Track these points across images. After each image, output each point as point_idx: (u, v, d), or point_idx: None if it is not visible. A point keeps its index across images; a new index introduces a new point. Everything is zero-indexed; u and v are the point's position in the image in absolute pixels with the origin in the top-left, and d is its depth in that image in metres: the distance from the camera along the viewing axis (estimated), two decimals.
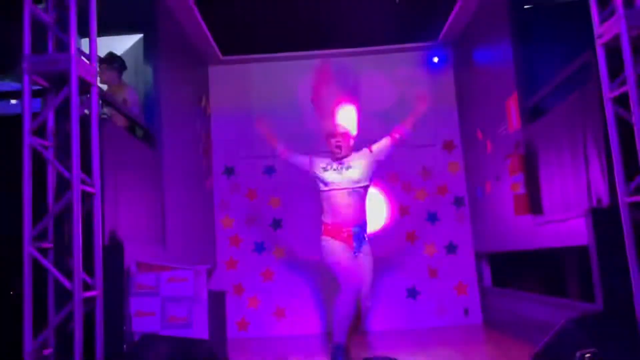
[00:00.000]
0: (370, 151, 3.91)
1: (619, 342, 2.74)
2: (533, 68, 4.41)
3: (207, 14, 5.13)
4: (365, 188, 3.85)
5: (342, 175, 3.76)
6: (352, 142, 3.91)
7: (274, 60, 6.20)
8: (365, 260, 3.74)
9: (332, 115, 3.99)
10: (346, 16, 5.40)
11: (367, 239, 3.83)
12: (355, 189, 3.77)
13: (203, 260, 5.21)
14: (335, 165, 3.81)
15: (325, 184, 3.80)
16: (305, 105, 6.13)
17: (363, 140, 4.21)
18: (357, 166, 3.81)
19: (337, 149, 3.82)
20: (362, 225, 3.80)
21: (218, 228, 5.98)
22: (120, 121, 3.89)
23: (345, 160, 3.84)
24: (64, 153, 2.84)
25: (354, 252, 3.73)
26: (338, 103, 4.05)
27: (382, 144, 3.93)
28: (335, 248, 3.69)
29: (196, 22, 5.20)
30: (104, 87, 4.12)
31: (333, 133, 3.86)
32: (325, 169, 3.81)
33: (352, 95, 4.05)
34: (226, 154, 6.09)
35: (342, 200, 3.74)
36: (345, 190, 3.74)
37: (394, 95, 6.11)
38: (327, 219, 3.81)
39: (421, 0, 5.19)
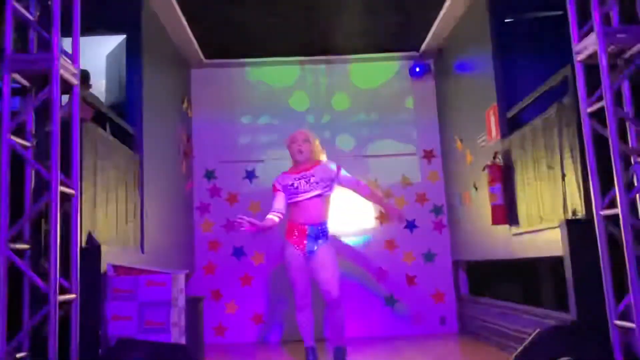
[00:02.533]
0: (338, 174, 3.93)
1: (592, 352, 2.79)
2: (513, 80, 4.49)
3: (190, 17, 5.12)
4: (328, 195, 3.91)
5: (307, 185, 3.85)
6: (314, 148, 3.94)
7: (257, 65, 6.21)
8: (322, 255, 3.77)
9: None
10: (329, 24, 5.43)
11: (328, 237, 3.86)
12: (317, 195, 3.85)
13: (181, 264, 5.17)
14: (298, 182, 3.87)
15: (294, 196, 3.87)
16: (286, 110, 6.17)
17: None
18: (319, 180, 3.86)
19: (298, 153, 3.88)
20: (320, 225, 3.84)
21: (197, 232, 5.94)
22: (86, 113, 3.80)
23: (308, 172, 3.88)
24: (43, 153, 2.81)
25: (306, 253, 3.77)
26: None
27: (350, 181, 3.98)
28: (287, 256, 3.83)
29: (180, 25, 5.18)
30: None
31: (294, 139, 3.94)
32: (292, 186, 3.86)
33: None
34: (207, 157, 6.06)
35: (306, 204, 3.84)
36: (308, 196, 3.84)
37: (375, 104, 6.18)
38: (289, 217, 3.92)
39: (404, 11, 5.25)
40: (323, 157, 4.00)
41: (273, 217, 3.85)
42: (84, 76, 4.09)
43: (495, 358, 4.25)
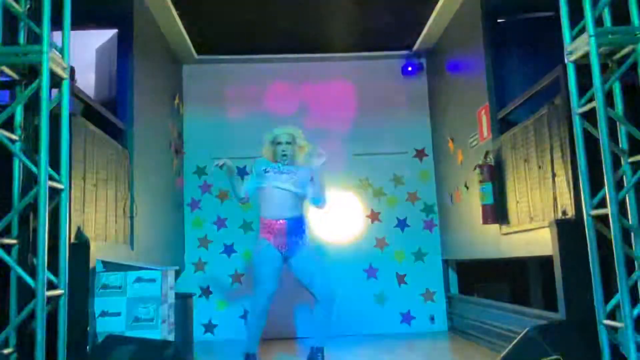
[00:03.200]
0: (313, 177, 3.88)
1: (581, 351, 2.81)
2: (505, 80, 4.51)
3: (183, 12, 5.09)
4: (303, 195, 3.84)
5: (282, 176, 3.76)
6: (299, 151, 3.87)
7: (249, 61, 6.19)
8: (305, 255, 3.71)
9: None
10: (322, 22, 5.43)
11: (305, 233, 3.80)
12: (293, 191, 3.76)
13: (171, 261, 5.14)
14: (276, 169, 3.79)
15: (265, 181, 3.78)
16: (278, 107, 6.15)
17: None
18: (300, 177, 3.79)
19: (283, 157, 3.80)
20: (298, 219, 3.75)
21: (187, 229, 5.91)
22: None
23: (289, 168, 3.81)
24: (32, 147, 2.77)
25: (283, 251, 3.70)
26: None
27: (316, 184, 3.86)
28: (263, 256, 3.70)
29: (172, 20, 5.15)
30: None
31: (278, 139, 3.84)
32: (266, 171, 3.79)
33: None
34: (198, 153, 6.03)
35: (279, 196, 3.74)
36: (283, 190, 3.74)
37: (367, 103, 6.18)
38: (263, 212, 3.79)
39: (397, 10, 5.25)
40: (305, 151, 3.88)
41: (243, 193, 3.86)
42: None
43: (484, 357, 4.27)
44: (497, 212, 4.18)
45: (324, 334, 3.74)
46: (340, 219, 5.87)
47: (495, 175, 4.22)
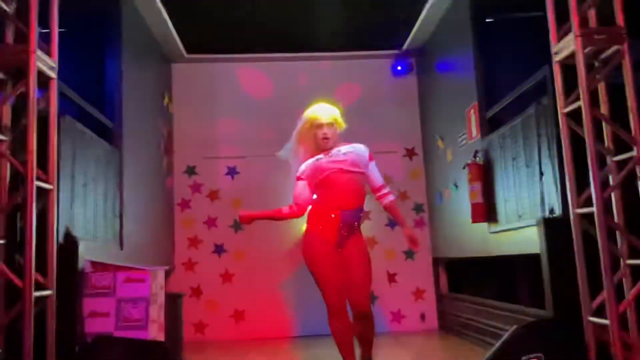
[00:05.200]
0: (368, 161, 3.31)
1: (567, 348, 2.84)
2: (494, 79, 4.54)
3: (172, 11, 5.07)
4: (362, 174, 3.24)
5: (334, 158, 3.16)
6: (339, 130, 3.32)
7: (240, 60, 6.18)
8: (355, 251, 3.13)
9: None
10: (312, 21, 5.43)
11: (358, 228, 3.23)
12: (351, 170, 3.15)
13: (161, 261, 5.13)
14: (327, 156, 3.19)
15: (324, 170, 3.14)
16: (268, 106, 6.14)
17: None
18: (350, 154, 3.21)
19: (324, 141, 3.19)
20: (357, 210, 3.18)
21: (177, 228, 5.90)
22: None
23: (336, 149, 3.23)
24: (19, 148, 2.76)
25: (337, 247, 3.10)
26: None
27: (376, 174, 3.35)
28: (315, 252, 3.08)
29: (161, 19, 5.13)
30: None
31: (318, 122, 3.22)
32: (318, 160, 3.18)
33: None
34: (188, 153, 6.02)
35: (337, 178, 3.11)
36: (339, 171, 3.13)
37: (357, 101, 6.19)
38: (317, 200, 3.18)
39: (386, 9, 5.26)
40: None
41: (283, 208, 3.21)
42: None
43: (474, 354, 4.30)
44: (486, 210, 4.21)
45: (372, 344, 3.21)
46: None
47: (484, 174, 4.25)
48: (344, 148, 3.26)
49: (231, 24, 5.44)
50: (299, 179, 3.23)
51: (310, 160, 3.23)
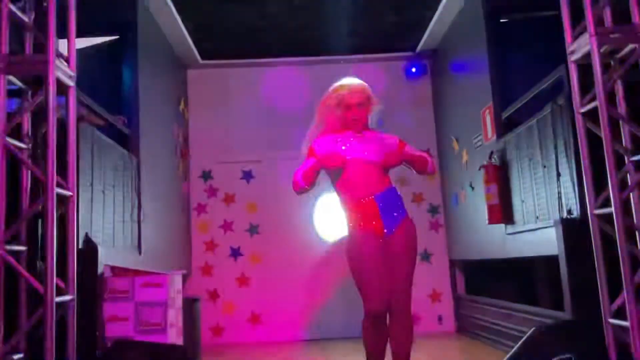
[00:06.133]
0: (401, 146, 2.87)
1: (587, 351, 2.81)
2: (508, 80, 4.51)
3: (187, 18, 5.13)
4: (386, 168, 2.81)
5: (362, 146, 2.77)
6: (372, 111, 2.91)
7: (253, 65, 6.21)
8: (403, 238, 2.70)
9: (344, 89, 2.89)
10: (325, 25, 5.44)
11: (402, 212, 2.76)
12: (375, 162, 2.75)
13: (178, 265, 5.17)
14: (350, 141, 2.78)
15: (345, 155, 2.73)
16: (283, 110, 6.17)
17: None
18: (378, 150, 2.79)
19: (353, 123, 2.78)
20: (389, 192, 2.74)
21: (194, 233, 5.95)
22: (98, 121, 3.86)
23: (363, 134, 2.82)
24: (39, 155, 2.81)
25: (384, 235, 2.66)
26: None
27: (415, 153, 2.87)
28: (356, 246, 2.65)
29: (176, 26, 5.19)
30: None
31: (348, 103, 2.79)
32: (339, 144, 2.77)
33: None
34: (204, 157, 6.07)
35: (359, 166, 2.72)
36: (364, 162, 2.73)
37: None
38: (344, 194, 2.75)
39: (400, 11, 5.26)
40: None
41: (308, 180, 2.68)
42: None
43: (492, 356, 4.26)
44: (502, 212, 4.18)
45: (410, 348, 2.77)
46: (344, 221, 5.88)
47: (500, 175, 4.22)
48: (374, 135, 2.84)
49: (245, 30, 5.48)
50: (311, 153, 2.75)
51: (329, 138, 2.78)
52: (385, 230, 2.67)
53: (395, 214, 2.72)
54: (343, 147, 2.75)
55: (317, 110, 2.91)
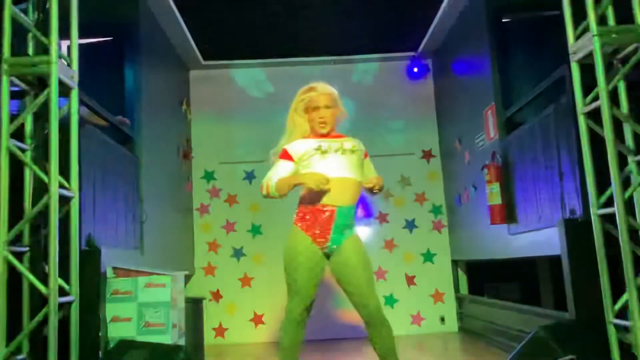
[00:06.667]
0: (365, 157, 2.97)
1: (591, 351, 2.80)
2: (511, 80, 4.50)
3: (189, 19, 5.13)
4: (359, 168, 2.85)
5: (344, 159, 2.76)
6: (339, 118, 2.92)
7: (255, 66, 6.22)
8: (351, 252, 2.71)
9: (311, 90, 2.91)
10: (327, 25, 5.45)
11: (355, 225, 2.83)
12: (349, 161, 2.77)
13: (181, 265, 5.18)
14: (328, 144, 2.77)
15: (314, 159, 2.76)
16: (285, 110, 6.15)
17: None
18: (353, 151, 2.81)
19: (321, 125, 2.80)
20: (353, 207, 2.79)
21: (197, 233, 5.95)
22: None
23: (338, 138, 2.84)
24: (42, 156, 2.81)
25: (327, 249, 2.71)
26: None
27: (372, 169, 2.98)
28: (296, 251, 2.72)
29: (178, 27, 5.20)
30: None
31: (316, 105, 2.81)
32: (316, 149, 2.76)
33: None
34: (206, 158, 6.08)
35: (331, 171, 2.71)
36: (335, 161, 2.75)
37: (374, 104, 6.19)
38: (305, 196, 2.79)
39: (402, 11, 5.26)
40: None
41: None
42: None
43: (495, 357, 4.26)
44: (505, 212, 4.18)
45: (395, 355, 2.77)
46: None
47: (503, 175, 4.22)
48: (344, 139, 2.86)
49: (246, 30, 5.48)
50: (285, 156, 2.81)
51: (302, 140, 2.81)
52: (329, 243, 2.72)
53: (351, 228, 2.77)
54: (321, 160, 2.73)
55: (287, 118, 2.96)
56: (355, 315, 2.81)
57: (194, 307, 4.22)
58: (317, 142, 2.79)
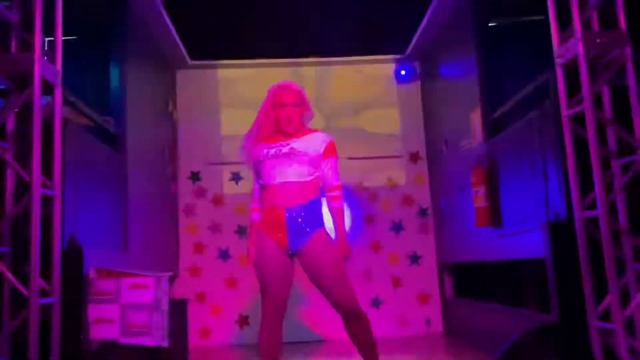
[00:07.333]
0: (326, 156, 2.81)
1: (572, 353, 2.82)
2: (497, 83, 4.53)
3: (176, 18, 5.10)
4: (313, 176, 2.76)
5: (280, 163, 2.73)
6: (306, 117, 2.88)
7: (243, 66, 6.20)
8: (315, 252, 2.66)
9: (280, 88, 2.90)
10: (315, 26, 5.44)
11: (320, 223, 2.72)
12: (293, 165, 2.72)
13: (166, 266, 5.14)
14: (273, 150, 2.75)
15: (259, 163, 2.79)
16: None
17: None
18: (300, 151, 2.74)
19: (287, 122, 2.76)
20: (305, 206, 2.69)
21: (182, 234, 5.91)
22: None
23: (293, 138, 2.78)
24: (24, 155, 2.78)
25: (288, 250, 2.69)
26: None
27: (329, 174, 2.81)
28: (262, 252, 2.71)
29: (165, 26, 5.16)
30: None
31: (283, 102, 2.78)
32: (264, 156, 2.76)
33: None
34: (192, 158, 6.04)
35: (272, 175, 2.72)
36: (278, 164, 2.72)
37: (361, 106, 6.20)
38: (262, 199, 2.81)
39: (389, 14, 5.27)
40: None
41: (256, 219, 2.84)
42: None
43: (479, 359, 4.28)
44: (490, 214, 4.20)
45: (374, 348, 2.75)
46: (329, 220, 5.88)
47: (488, 178, 4.24)
48: (306, 137, 2.79)
49: (234, 30, 5.46)
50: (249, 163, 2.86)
51: (256, 148, 2.81)
52: (289, 244, 2.68)
53: (307, 228, 2.68)
54: (264, 168, 2.75)
55: (258, 111, 2.92)
56: (337, 317, 2.79)
57: (178, 308, 4.19)
58: (264, 148, 2.79)
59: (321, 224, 2.73)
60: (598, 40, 2.73)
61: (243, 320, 5.77)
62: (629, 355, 2.54)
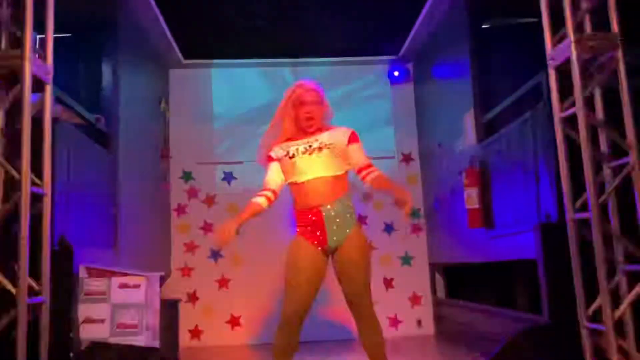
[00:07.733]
0: (350, 143, 2.81)
1: (565, 354, 2.83)
2: (490, 85, 4.55)
3: (169, 17, 5.08)
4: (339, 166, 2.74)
5: (312, 159, 2.68)
6: (326, 115, 2.85)
7: (236, 66, 6.18)
8: (352, 250, 2.66)
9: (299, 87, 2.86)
10: (309, 27, 5.43)
11: (355, 220, 2.72)
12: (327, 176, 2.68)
13: (157, 266, 5.11)
14: (302, 147, 2.72)
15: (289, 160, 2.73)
16: (265, 111, 6.12)
17: None
18: (335, 140, 2.74)
19: (308, 122, 2.73)
20: (341, 200, 2.67)
21: (174, 234, 5.88)
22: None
23: (319, 133, 2.75)
24: (14, 153, 2.75)
25: (327, 249, 2.66)
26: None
27: (357, 156, 2.81)
28: (296, 255, 2.66)
29: (158, 25, 5.13)
30: None
31: (303, 100, 2.75)
32: (294, 153, 2.71)
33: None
34: (185, 158, 6.01)
35: (305, 172, 2.69)
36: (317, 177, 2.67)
37: (354, 107, 6.20)
38: (294, 204, 2.77)
39: (383, 15, 5.27)
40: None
41: (257, 200, 2.76)
42: None
43: None
44: (482, 216, 4.21)
45: (385, 356, 2.79)
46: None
47: (481, 179, 4.25)
48: (327, 133, 2.77)
49: (228, 30, 5.44)
50: (270, 159, 2.81)
51: (278, 147, 2.80)
52: (328, 243, 2.65)
53: (345, 226, 2.67)
54: (290, 166, 2.71)
55: (276, 113, 2.90)
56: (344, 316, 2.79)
57: (170, 308, 4.16)
58: (287, 147, 2.77)
59: (355, 220, 2.73)
60: (590, 43, 2.74)
61: (235, 321, 5.75)
62: (619, 356, 2.55)
